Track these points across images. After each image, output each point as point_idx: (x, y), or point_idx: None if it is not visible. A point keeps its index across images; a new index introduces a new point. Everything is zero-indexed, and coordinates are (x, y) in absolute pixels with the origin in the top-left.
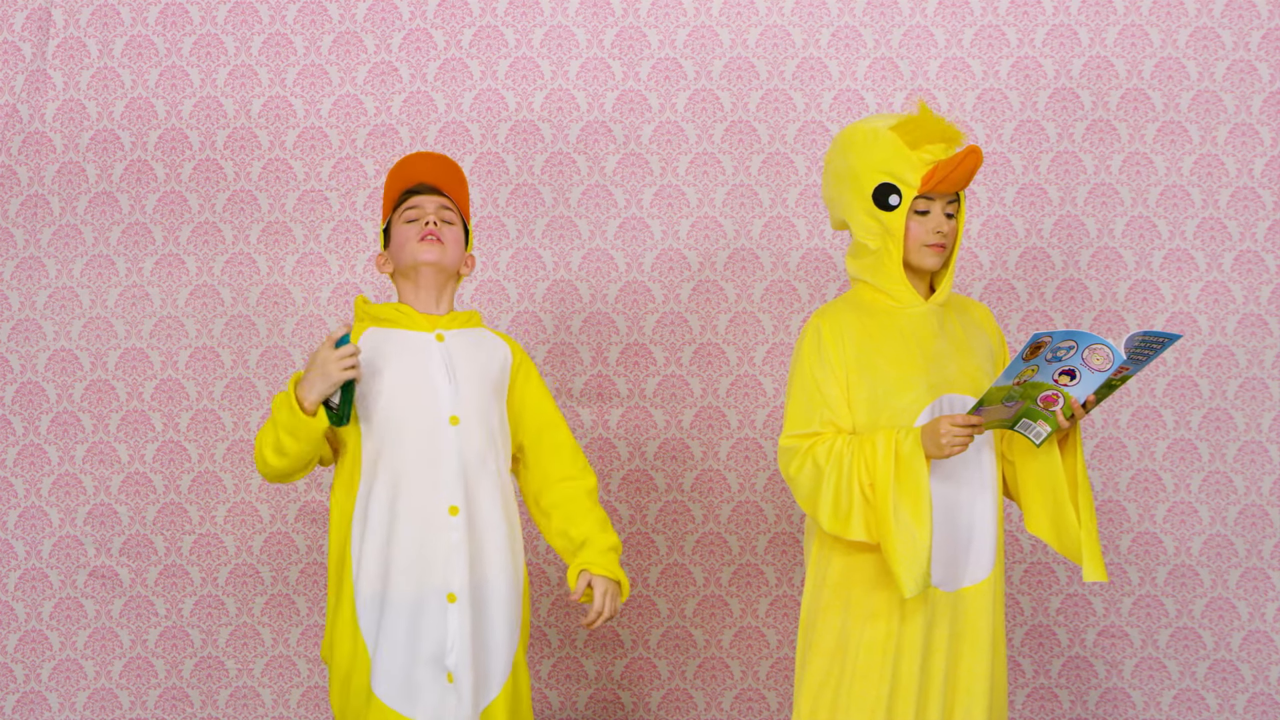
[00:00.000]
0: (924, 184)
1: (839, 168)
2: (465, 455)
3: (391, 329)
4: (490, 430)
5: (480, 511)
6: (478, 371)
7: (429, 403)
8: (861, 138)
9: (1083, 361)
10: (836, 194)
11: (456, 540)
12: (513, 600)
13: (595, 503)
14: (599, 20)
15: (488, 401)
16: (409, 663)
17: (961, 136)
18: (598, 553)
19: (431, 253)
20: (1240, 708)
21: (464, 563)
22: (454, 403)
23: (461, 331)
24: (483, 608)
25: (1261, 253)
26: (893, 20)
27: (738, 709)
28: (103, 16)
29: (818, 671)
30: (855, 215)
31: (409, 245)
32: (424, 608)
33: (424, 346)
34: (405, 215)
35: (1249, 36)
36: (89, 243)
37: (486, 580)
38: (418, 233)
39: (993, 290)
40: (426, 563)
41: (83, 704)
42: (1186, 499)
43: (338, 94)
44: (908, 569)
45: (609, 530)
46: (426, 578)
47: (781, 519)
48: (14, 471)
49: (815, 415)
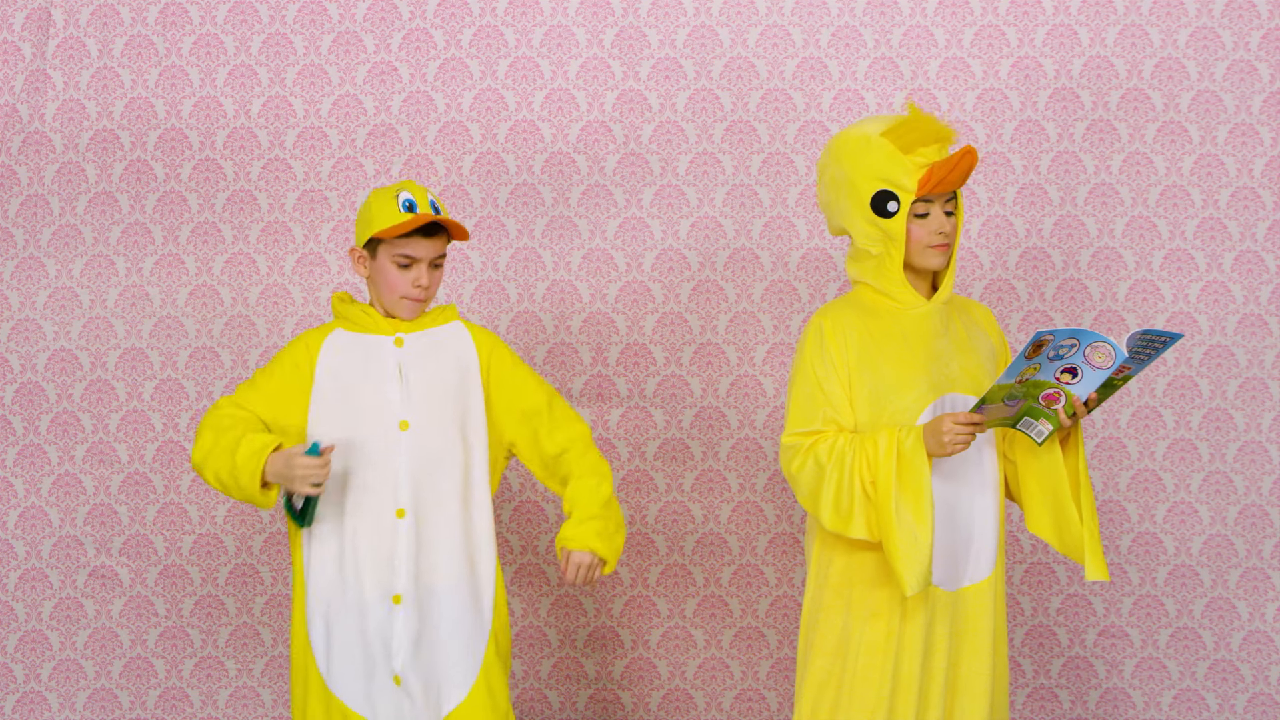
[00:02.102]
0: (921, 188)
1: (834, 176)
2: (415, 460)
3: (356, 332)
4: (450, 433)
5: (430, 514)
6: (436, 374)
7: (377, 407)
8: (854, 145)
9: (1084, 359)
10: (833, 202)
11: (403, 544)
12: (470, 603)
13: (583, 453)
14: (599, 20)
15: (448, 404)
16: (364, 665)
17: (953, 134)
18: (575, 524)
19: (411, 314)
20: (1240, 708)
21: (410, 566)
22: (404, 407)
23: (425, 333)
24: (431, 610)
25: (1261, 253)
26: (893, 20)
27: (738, 709)
28: (103, 16)
29: (819, 671)
30: (855, 223)
31: (391, 296)
32: (372, 610)
33: (379, 351)
34: (397, 258)
35: (1249, 36)
36: (89, 243)
37: (436, 585)
38: (406, 290)
39: (993, 290)
40: (374, 565)
41: (83, 704)
42: (1186, 499)
43: (337, 94)
44: (909, 567)
45: (597, 487)
46: (374, 580)
47: (781, 519)
48: (14, 471)
49: (817, 414)
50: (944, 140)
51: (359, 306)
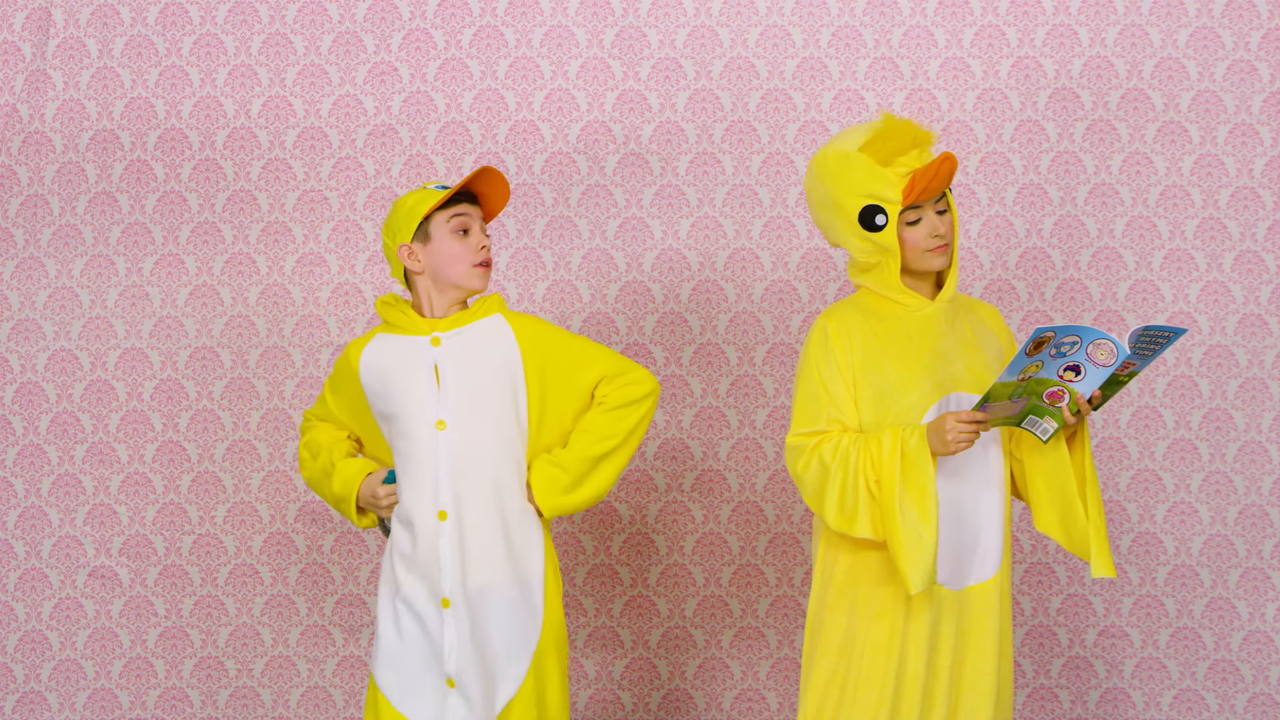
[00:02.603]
0: (905, 198)
1: (820, 196)
2: (455, 459)
3: (396, 334)
4: (490, 431)
5: (475, 515)
6: (473, 372)
7: (415, 409)
8: (834, 164)
9: (1087, 357)
10: (824, 220)
11: (446, 546)
12: (519, 602)
13: (604, 411)
14: (599, 20)
15: (487, 402)
16: (418, 668)
17: (932, 136)
18: (545, 461)
19: (484, 281)
20: (1240, 708)
21: (456, 568)
22: (440, 407)
23: (464, 330)
24: (483, 613)
25: (1261, 253)
26: (893, 20)
27: (738, 709)
28: (103, 16)
29: (824, 670)
30: (848, 239)
31: (461, 267)
32: (423, 611)
33: (417, 351)
34: (454, 223)
35: (1249, 36)
36: (89, 243)
37: (485, 585)
38: (474, 256)
39: (993, 290)
40: (423, 567)
41: (83, 704)
42: (1186, 499)
43: (337, 94)
44: (913, 565)
45: (584, 442)
46: (422, 584)
47: (781, 519)
48: (14, 471)
49: (822, 413)
50: (923, 144)
51: (399, 308)
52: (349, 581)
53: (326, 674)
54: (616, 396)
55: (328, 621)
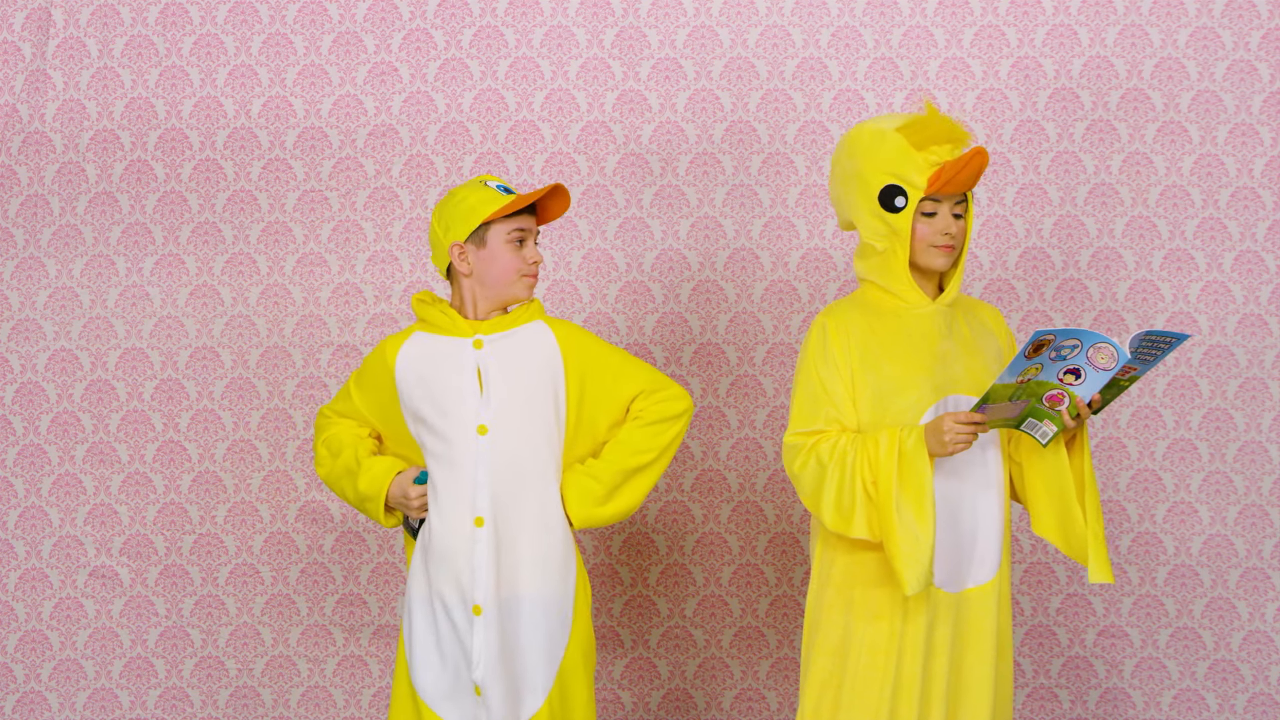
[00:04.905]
0: (930, 185)
1: (845, 169)
2: (495, 466)
3: (436, 334)
4: (531, 437)
5: (511, 523)
6: (516, 377)
7: (457, 412)
8: (867, 139)
9: (1087, 360)
10: (843, 195)
11: (481, 553)
12: (551, 613)
13: (640, 425)
14: (599, 20)
15: (529, 407)
16: (446, 672)
17: (968, 137)
18: (578, 472)
19: (530, 291)
20: (1240, 708)
21: (490, 576)
22: (482, 412)
23: (506, 334)
24: (513, 622)
25: (1261, 253)
26: (893, 20)
27: (738, 709)
28: (103, 16)
29: (821, 671)
30: (862, 217)
31: (511, 277)
32: (454, 617)
33: (459, 353)
34: (514, 235)
35: (1249, 36)
36: (89, 243)
37: (518, 594)
38: (525, 268)
39: (993, 290)
40: (456, 573)
41: (83, 704)
42: (1186, 499)
43: (338, 94)
44: (910, 566)
45: (619, 454)
46: (454, 590)
47: (781, 519)
48: (14, 471)
49: (820, 413)
50: (958, 141)
51: (438, 307)
52: (349, 581)
53: (327, 674)
54: (653, 412)
55: (328, 621)
